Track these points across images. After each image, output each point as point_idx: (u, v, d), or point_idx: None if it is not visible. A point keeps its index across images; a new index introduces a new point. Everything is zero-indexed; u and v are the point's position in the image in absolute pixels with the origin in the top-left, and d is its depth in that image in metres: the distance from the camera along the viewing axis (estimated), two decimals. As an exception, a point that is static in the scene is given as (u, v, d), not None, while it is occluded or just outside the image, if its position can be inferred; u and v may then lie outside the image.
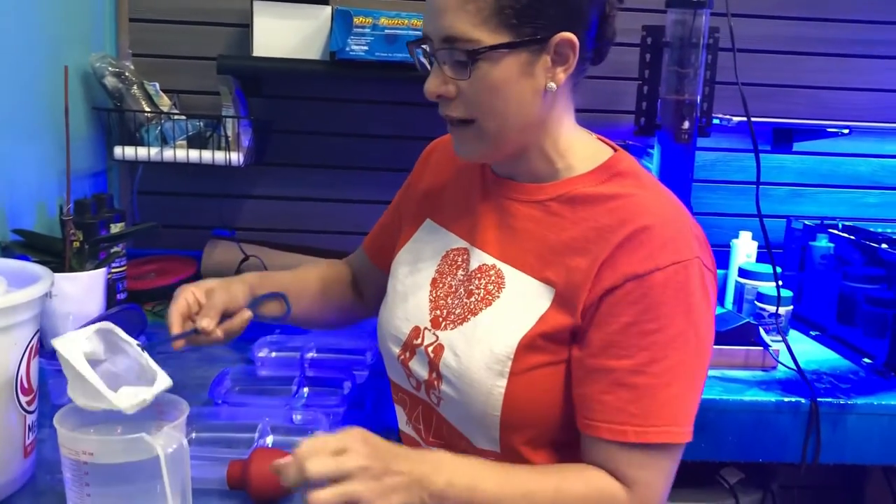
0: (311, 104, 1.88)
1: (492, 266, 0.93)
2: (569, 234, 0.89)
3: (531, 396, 0.87)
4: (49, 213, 1.50)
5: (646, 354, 0.82)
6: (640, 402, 0.82)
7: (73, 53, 1.58)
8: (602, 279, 0.84)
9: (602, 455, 0.84)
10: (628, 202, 0.88)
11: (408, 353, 0.97)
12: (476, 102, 0.88)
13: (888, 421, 1.35)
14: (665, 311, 0.82)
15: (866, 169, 2.00)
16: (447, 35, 0.85)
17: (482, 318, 0.90)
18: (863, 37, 1.92)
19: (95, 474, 0.80)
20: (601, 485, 0.83)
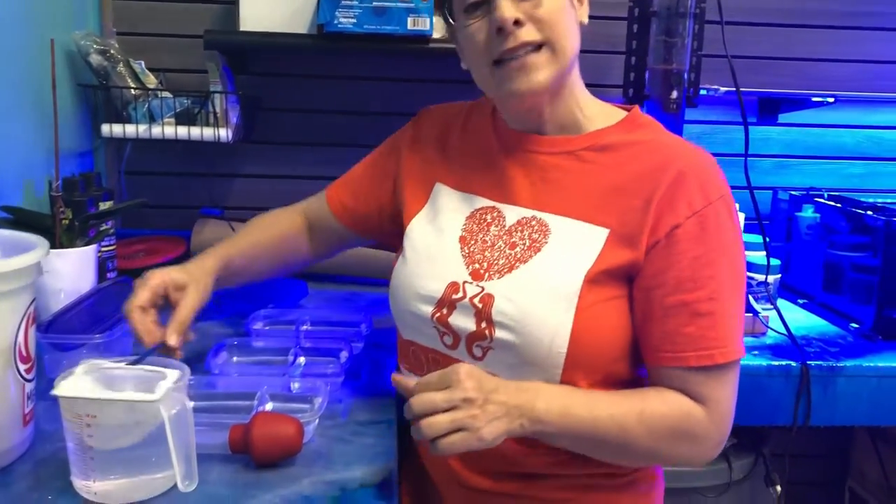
0: (300, 80, 1.87)
1: (532, 217, 0.97)
2: (610, 178, 0.95)
3: (596, 332, 0.91)
4: (37, 192, 1.48)
5: (714, 283, 0.90)
6: (717, 327, 0.90)
7: (56, 31, 1.56)
8: (662, 218, 0.91)
9: (681, 381, 0.91)
10: (664, 146, 0.96)
11: (445, 310, 0.97)
12: (548, 22, 0.93)
13: (876, 382, 1.38)
14: (722, 240, 0.91)
15: (851, 140, 2.02)
16: None
17: (535, 263, 0.94)
18: (847, 9, 1.94)
19: (99, 438, 0.80)
20: (680, 404, 0.90)
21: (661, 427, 0.90)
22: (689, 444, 0.92)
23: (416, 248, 1.04)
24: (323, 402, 1.01)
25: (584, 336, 0.90)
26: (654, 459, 0.98)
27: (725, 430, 0.93)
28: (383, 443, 0.99)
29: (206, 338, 1.33)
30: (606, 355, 0.93)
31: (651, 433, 0.90)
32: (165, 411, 0.79)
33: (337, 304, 1.60)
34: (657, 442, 0.91)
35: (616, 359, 0.94)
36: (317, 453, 0.95)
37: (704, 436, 0.91)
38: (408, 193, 1.10)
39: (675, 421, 0.90)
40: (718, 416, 0.91)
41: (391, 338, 1.38)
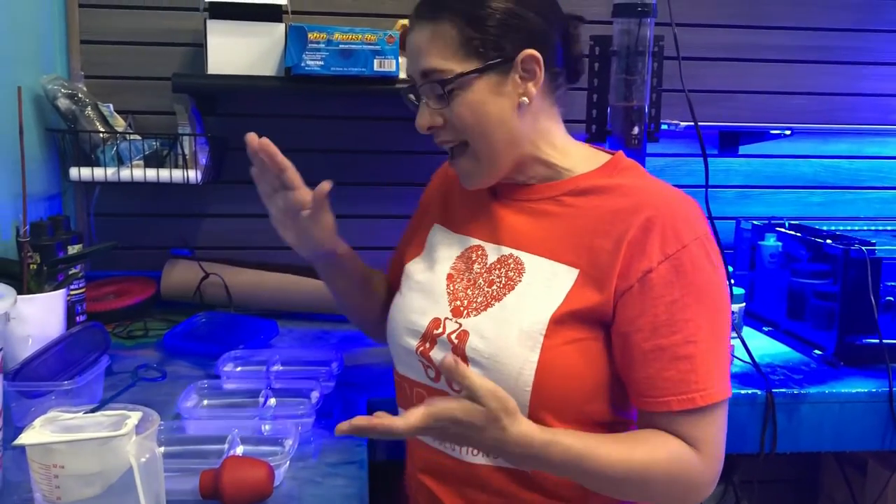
0: (268, 121, 1.89)
1: (510, 255, 1.00)
2: (585, 220, 0.97)
3: (561, 372, 0.92)
4: (4, 236, 1.48)
5: (692, 326, 0.90)
6: (698, 370, 0.90)
7: (23, 75, 1.57)
8: (633, 262, 0.92)
9: (671, 425, 0.91)
10: (639, 189, 0.97)
11: (428, 344, 1.00)
12: (462, 126, 0.97)
13: (838, 408, 1.41)
14: (697, 282, 0.91)
15: (809, 170, 2.08)
16: (424, 70, 0.97)
17: (507, 301, 0.96)
18: (800, 43, 2.01)
19: (67, 488, 0.80)
20: (672, 447, 0.91)
21: (656, 471, 0.90)
22: (683, 487, 0.92)
23: (409, 285, 1.08)
24: (294, 445, 1.01)
25: (548, 375, 0.92)
26: (648, 499, 0.97)
27: (717, 468, 0.93)
28: (355, 484, 1.00)
29: (176, 382, 1.33)
30: (574, 396, 0.94)
31: (645, 479, 0.90)
32: (134, 458, 0.79)
33: (308, 343, 1.60)
34: (650, 486, 0.91)
35: (587, 400, 0.94)
36: (288, 496, 0.96)
37: (698, 477, 0.92)
38: (412, 240, 1.15)
39: (669, 464, 0.90)
40: (709, 456, 0.92)
41: (362, 376, 1.40)
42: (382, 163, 1.93)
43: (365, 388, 1.33)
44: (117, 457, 0.80)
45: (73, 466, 0.80)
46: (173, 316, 1.71)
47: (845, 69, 2.03)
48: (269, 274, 1.77)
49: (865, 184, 2.10)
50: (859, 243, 1.54)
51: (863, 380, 1.46)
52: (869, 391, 1.41)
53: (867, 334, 1.53)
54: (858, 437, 1.43)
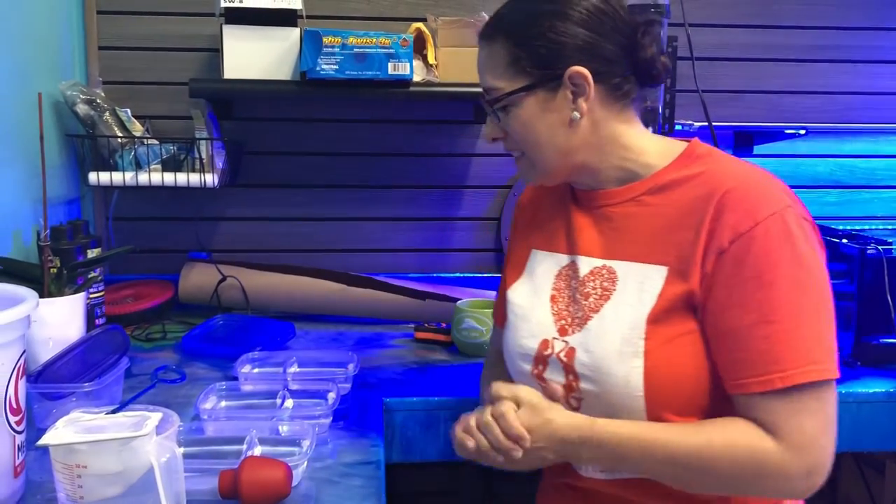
0: (283, 125, 1.91)
1: (602, 267, 1.00)
2: (666, 216, 0.97)
3: (669, 370, 0.92)
4: (24, 241, 1.50)
5: (768, 305, 0.88)
6: (776, 350, 0.87)
7: (43, 82, 1.60)
8: (709, 246, 0.91)
9: (754, 410, 0.89)
10: (711, 174, 0.96)
11: (541, 366, 1.02)
12: (517, 140, 1.02)
13: (856, 408, 1.40)
14: (773, 259, 0.88)
15: (824, 169, 2.07)
16: (485, 87, 1.02)
17: (605, 312, 0.97)
18: (814, 42, 2.00)
19: (90, 488, 0.81)
20: (747, 437, 0.88)
21: (720, 465, 0.89)
22: (760, 479, 0.89)
23: (515, 312, 1.08)
24: (311, 445, 1.02)
25: (658, 377, 0.92)
26: (724, 491, 0.95)
27: (811, 461, 0.88)
28: (371, 484, 1.00)
29: (194, 384, 1.34)
30: (687, 390, 0.93)
31: (709, 472, 0.89)
32: (155, 458, 0.80)
33: (324, 345, 1.62)
34: (717, 479, 0.90)
35: (697, 392, 0.93)
36: (305, 496, 0.97)
37: (779, 469, 0.87)
38: (510, 265, 1.15)
39: (740, 457, 0.88)
40: (795, 445, 0.87)
41: (379, 377, 1.41)
42: (397, 166, 1.94)
43: (381, 390, 1.34)
44: (138, 457, 0.81)
45: (95, 466, 0.81)
46: (191, 318, 1.73)
47: (860, 68, 2.02)
48: (286, 276, 1.78)
49: (881, 183, 2.09)
50: (876, 243, 1.53)
51: (880, 380, 1.45)
52: (887, 391, 1.41)
53: (884, 334, 1.52)
54: (876, 437, 1.42)
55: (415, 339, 1.66)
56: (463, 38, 1.71)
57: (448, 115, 1.93)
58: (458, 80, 1.70)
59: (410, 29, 1.72)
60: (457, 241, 1.97)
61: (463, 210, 1.96)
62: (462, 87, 1.69)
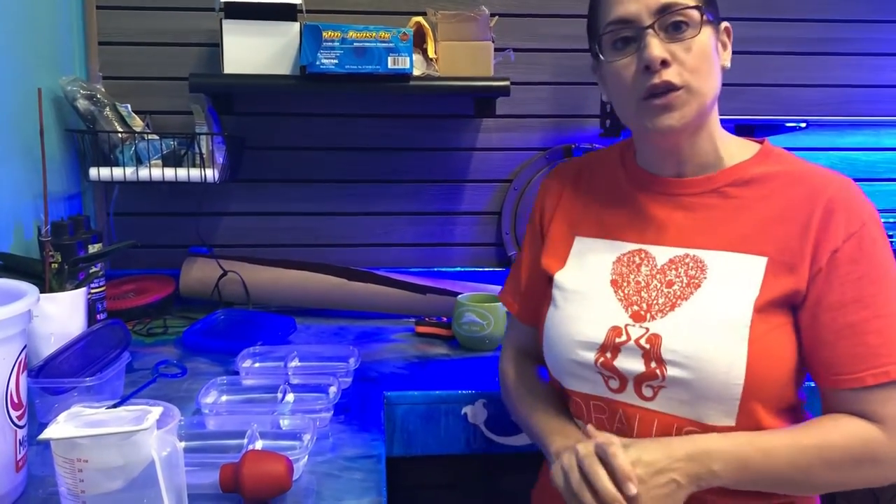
0: (284, 119, 1.91)
1: (685, 255, 0.99)
2: (759, 209, 0.98)
3: (770, 361, 0.93)
4: (25, 236, 1.50)
5: (880, 300, 0.92)
6: (889, 343, 0.91)
7: (43, 77, 1.60)
8: (821, 244, 0.93)
9: (860, 403, 0.91)
10: (808, 175, 0.98)
11: (609, 354, 0.98)
12: (693, 66, 0.95)
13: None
14: (879, 257, 0.93)
15: (826, 162, 2.06)
16: (665, 3, 0.94)
17: (697, 299, 0.96)
18: (815, 35, 2.00)
19: (91, 482, 0.81)
20: (858, 430, 0.91)
21: (842, 459, 0.91)
22: (871, 468, 0.92)
23: (567, 297, 1.04)
24: (312, 439, 1.02)
25: (759, 366, 0.92)
26: (838, 487, 0.95)
27: None
28: (372, 477, 1.01)
29: (195, 377, 1.35)
30: (781, 382, 0.94)
31: (832, 467, 0.91)
32: (156, 452, 0.81)
33: (325, 339, 1.62)
34: (839, 473, 0.92)
35: (788, 383, 0.95)
36: (306, 490, 0.97)
37: (885, 457, 0.91)
38: (549, 253, 1.11)
39: (856, 449, 0.91)
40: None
41: (380, 371, 1.41)
42: (398, 160, 1.94)
43: (382, 383, 1.35)
44: (140, 451, 0.81)
45: (96, 460, 0.81)
46: (192, 313, 1.73)
47: (861, 61, 2.02)
48: (287, 271, 1.78)
49: (882, 176, 2.09)
50: (876, 236, 1.53)
51: (881, 372, 1.45)
52: (887, 384, 1.41)
53: (885, 327, 1.52)
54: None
55: (415, 334, 1.66)
56: (463, 32, 1.70)
57: (448, 109, 1.92)
58: (458, 74, 1.70)
59: (410, 23, 1.72)
60: (458, 236, 1.97)
61: (464, 204, 1.96)
62: (462, 81, 1.69)
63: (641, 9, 0.96)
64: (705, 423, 0.94)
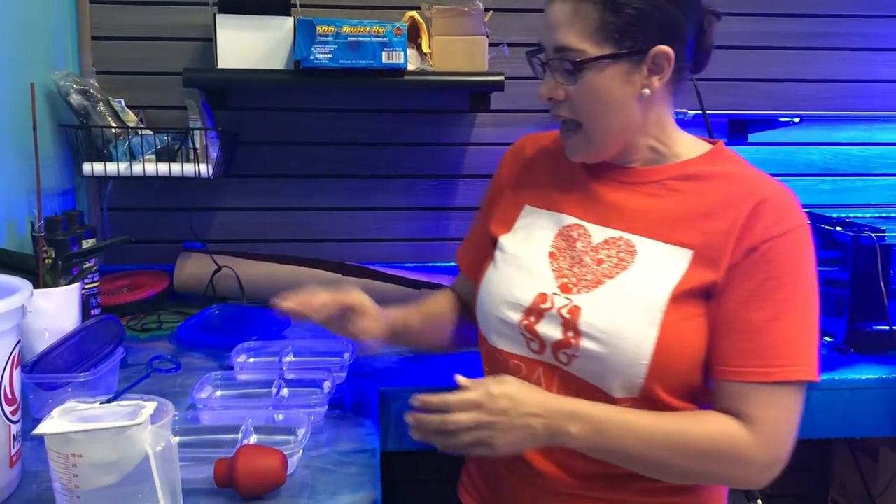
0: (278, 114, 1.90)
1: (619, 238, 1.03)
2: (695, 204, 1.01)
3: (677, 347, 0.96)
4: (18, 232, 1.50)
5: (781, 305, 0.94)
6: (780, 346, 0.94)
7: (36, 72, 1.59)
8: (742, 241, 0.96)
9: (738, 398, 0.94)
10: (748, 177, 1.01)
11: (533, 318, 1.02)
12: (581, 106, 1.01)
13: (849, 395, 1.41)
14: (793, 266, 0.96)
15: (819, 157, 2.07)
16: (558, 46, 0.99)
17: (623, 280, 0.99)
18: (809, 30, 2.00)
19: (85, 477, 0.81)
20: (721, 427, 0.94)
21: (697, 450, 0.94)
22: (728, 466, 0.95)
23: (507, 259, 1.09)
24: (306, 434, 1.02)
25: (667, 350, 0.95)
26: (692, 479, 1.00)
27: (778, 453, 0.94)
28: (367, 472, 1.01)
29: (189, 372, 1.35)
30: (685, 368, 0.97)
31: (685, 456, 0.94)
32: (150, 447, 0.81)
33: (320, 334, 1.60)
34: (696, 464, 0.95)
35: (691, 372, 0.98)
36: (301, 484, 0.97)
37: (748, 458, 0.93)
38: (498, 215, 1.16)
39: (711, 444, 0.94)
40: (768, 438, 0.93)
41: (374, 367, 1.41)
42: (392, 155, 1.94)
43: (377, 379, 1.35)
44: (134, 446, 0.81)
45: (91, 455, 0.81)
46: (187, 308, 1.73)
47: (855, 55, 2.02)
48: (281, 266, 1.78)
49: (876, 171, 2.09)
50: (869, 230, 1.54)
51: (873, 366, 1.46)
52: (880, 377, 1.42)
53: (877, 321, 1.53)
54: (869, 423, 1.43)
55: (410, 328, 1.66)
56: (457, 27, 1.70)
57: (443, 104, 1.92)
58: (452, 69, 1.69)
59: (404, 17, 1.72)
60: (452, 231, 1.97)
61: (458, 199, 1.96)
62: (457, 76, 1.69)
63: (546, 42, 1.01)
64: (611, 395, 0.98)
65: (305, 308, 1.15)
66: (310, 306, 1.15)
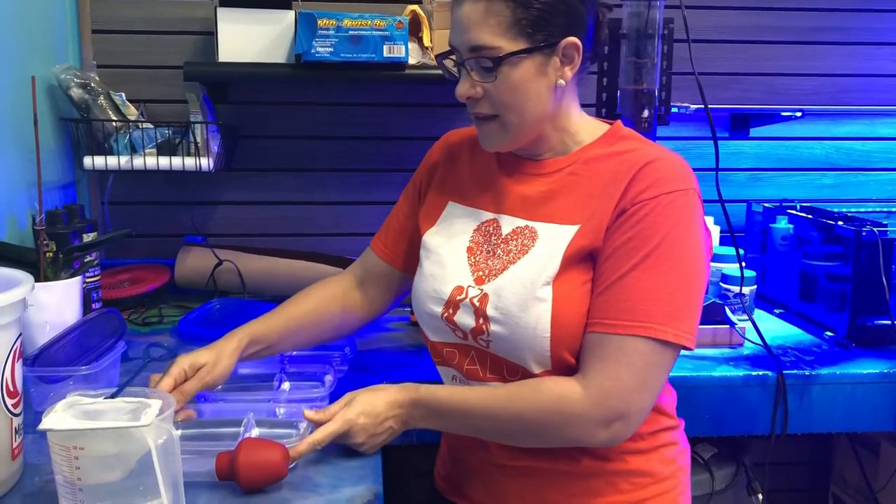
0: (279, 108, 1.90)
1: (524, 227, 1.07)
2: (588, 186, 1.05)
3: (571, 315, 1.00)
4: (20, 226, 1.50)
5: (641, 263, 0.97)
6: (631, 302, 0.96)
7: (36, 65, 1.59)
8: (619, 204, 1.00)
9: (588, 349, 0.99)
10: (635, 152, 1.04)
11: (451, 310, 1.08)
12: (500, 101, 1.03)
13: (850, 389, 1.41)
14: (663, 228, 0.97)
15: (821, 152, 2.07)
16: (473, 45, 1.01)
17: (521, 264, 1.04)
18: (811, 24, 2.00)
19: (87, 470, 0.81)
20: (554, 388, 0.99)
21: (528, 414, 0.99)
22: (563, 425, 0.98)
23: (430, 258, 1.14)
24: (308, 427, 1.02)
25: (562, 319, 0.99)
26: (538, 442, 1.04)
27: (611, 408, 0.96)
28: (368, 464, 1.01)
29: (191, 366, 1.34)
30: (582, 332, 1.00)
31: (519, 421, 1.00)
32: (152, 441, 0.81)
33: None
34: (527, 427, 1.01)
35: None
36: (303, 477, 0.97)
37: (578, 414, 0.97)
38: (424, 211, 1.20)
39: (542, 405, 0.99)
40: (598, 392, 0.96)
41: (375, 360, 1.41)
42: (394, 149, 1.94)
43: (377, 372, 1.35)
44: (136, 439, 0.81)
45: (93, 449, 0.81)
46: (187, 302, 1.73)
47: (857, 50, 2.02)
48: (282, 260, 1.78)
49: (877, 165, 2.09)
50: (871, 225, 1.53)
51: (874, 361, 1.46)
52: (881, 372, 1.41)
53: (879, 315, 1.53)
54: (870, 418, 1.43)
55: (411, 323, 1.66)
56: (458, 21, 1.69)
57: (444, 98, 1.92)
58: (453, 63, 1.69)
59: (405, 11, 1.71)
60: (453, 225, 1.97)
61: (459, 193, 1.96)
62: (458, 70, 1.68)
63: (460, 43, 1.04)
64: (530, 371, 1.02)
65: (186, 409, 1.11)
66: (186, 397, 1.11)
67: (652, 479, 1.07)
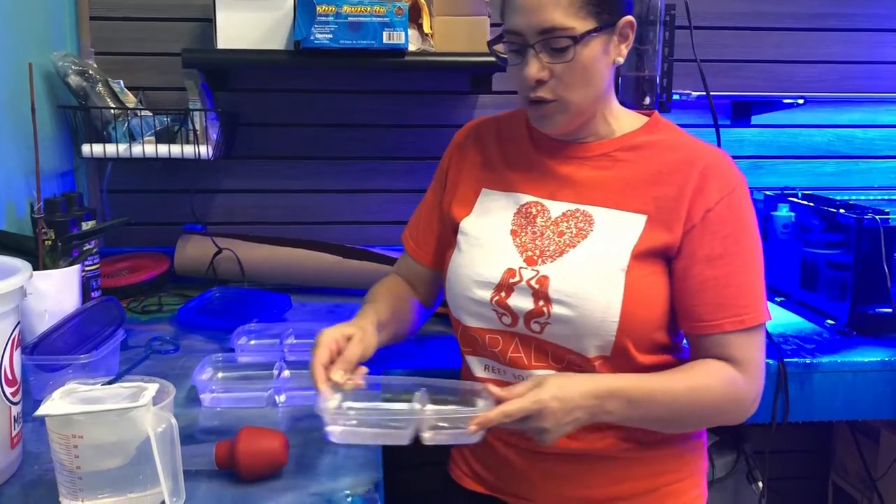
0: (278, 95, 1.89)
1: (576, 210, 1.09)
2: (643, 172, 1.08)
3: (642, 303, 1.03)
4: (18, 214, 1.49)
5: (741, 258, 1.05)
6: (745, 296, 1.05)
7: (34, 52, 1.58)
8: (695, 205, 1.05)
9: (721, 347, 1.04)
10: (687, 144, 1.11)
11: (504, 293, 1.07)
12: (569, 81, 1.04)
13: (851, 377, 1.40)
14: (744, 221, 1.06)
15: (822, 139, 2.06)
16: (546, 27, 1.01)
17: (585, 247, 1.06)
18: (813, 11, 1.98)
19: (86, 457, 0.81)
20: (723, 372, 1.04)
21: (710, 397, 1.03)
22: (734, 406, 1.06)
23: (470, 242, 1.13)
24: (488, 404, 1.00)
25: (633, 306, 1.02)
26: (705, 424, 1.12)
27: (759, 386, 1.06)
28: (369, 453, 1.01)
29: (191, 355, 1.34)
30: (652, 323, 1.05)
31: (702, 403, 1.04)
32: (151, 428, 0.80)
33: (321, 317, 1.61)
34: (706, 410, 1.05)
35: (659, 327, 1.06)
36: (303, 465, 0.97)
37: (745, 395, 1.05)
38: (457, 202, 1.19)
39: (722, 389, 1.03)
40: (753, 374, 1.05)
41: (374, 349, 1.40)
42: (393, 137, 1.93)
43: (378, 360, 1.34)
44: (135, 427, 0.81)
45: (92, 436, 0.81)
46: (187, 291, 1.72)
47: (859, 37, 2.01)
48: (282, 248, 1.77)
49: (880, 153, 2.08)
50: (873, 212, 1.53)
51: (876, 349, 1.45)
52: (882, 360, 1.41)
53: (880, 303, 1.52)
54: (871, 406, 1.42)
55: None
56: (459, 7, 1.68)
57: (444, 85, 1.91)
58: (454, 50, 1.68)
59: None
60: (453, 213, 1.96)
61: (459, 181, 1.95)
62: (458, 57, 1.68)
63: (526, 27, 1.03)
64: (585, 356, 1.04)
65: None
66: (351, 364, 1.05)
67: (683, 461, 1.14)
